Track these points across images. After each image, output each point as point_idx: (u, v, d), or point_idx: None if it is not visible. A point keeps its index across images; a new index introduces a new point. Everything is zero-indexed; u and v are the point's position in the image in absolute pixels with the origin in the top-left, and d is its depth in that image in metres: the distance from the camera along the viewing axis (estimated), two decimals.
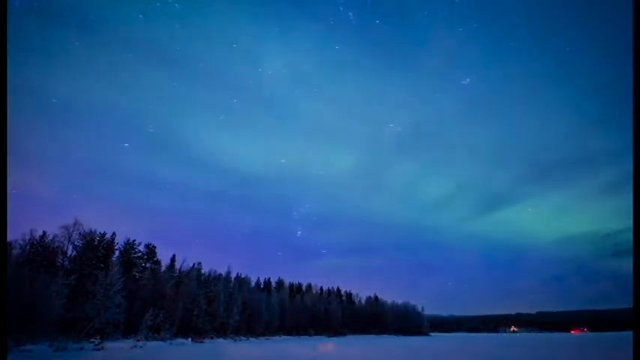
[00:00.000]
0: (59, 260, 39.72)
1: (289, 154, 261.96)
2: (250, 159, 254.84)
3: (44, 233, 39.93)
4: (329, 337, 72.72)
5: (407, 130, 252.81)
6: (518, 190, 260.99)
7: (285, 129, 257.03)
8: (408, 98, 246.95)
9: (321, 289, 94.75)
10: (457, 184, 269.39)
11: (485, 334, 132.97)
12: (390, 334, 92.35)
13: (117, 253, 45.61)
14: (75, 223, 40.72)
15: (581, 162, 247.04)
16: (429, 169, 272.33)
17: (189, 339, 45.25)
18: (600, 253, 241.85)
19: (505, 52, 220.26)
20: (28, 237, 38.20)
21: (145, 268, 48.40)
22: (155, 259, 50.61)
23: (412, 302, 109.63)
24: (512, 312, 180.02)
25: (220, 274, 62.53)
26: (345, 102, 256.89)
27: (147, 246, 50.27)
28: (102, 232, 44.39)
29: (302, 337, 69.35)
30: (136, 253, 48.27)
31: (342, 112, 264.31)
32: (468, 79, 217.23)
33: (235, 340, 52.35)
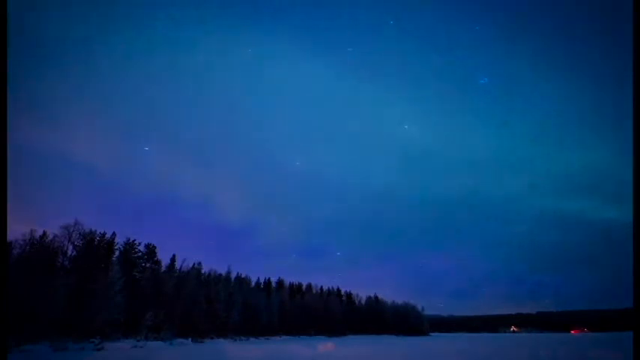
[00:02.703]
0: (59, 260, 39.67)
1: (305, 156, 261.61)
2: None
3: (44, 233, 39.87)
4: (329, 337, 72.69)
5: (422, 131, 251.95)
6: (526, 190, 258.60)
7: (298, 132, 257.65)
8: (423, 98, 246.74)
9: (321, 289, 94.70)
10: (468, 187, 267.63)
11: (485, 334, 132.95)
12: (390, 334, 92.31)
13: (117, 253, 45.59)
14: (75, 223, 40.73)
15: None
16: (440, 171, 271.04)
17: (189, 339, 45.22)
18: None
19: (523, 51, 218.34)
20: (28, 237, 38.13)
21: (145, 268, 48.36)
22: (155, 259, 50.54)
23: (412, 302, 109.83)
24: (513, 312, 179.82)
25: (220, 274, 62.60)
26: (358, 102, 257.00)
27: (147, 246, 50.23)
28: (102, 232, 44.45)
29: (302, 337, 69.31)
30: (136, 253, 48.20)
31: (354, 113, 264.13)
32: (485, 79, 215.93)
33: (235, 340, 52.31)
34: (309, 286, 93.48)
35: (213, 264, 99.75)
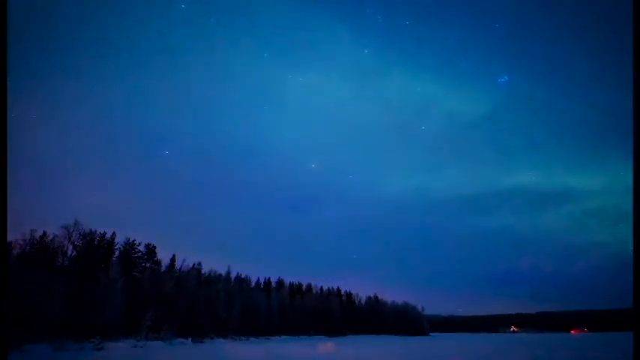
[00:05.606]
0: (59, 260, 39.68)
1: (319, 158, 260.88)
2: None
3: (44, 233, 39.86)
4: (329, 337, 72.64)
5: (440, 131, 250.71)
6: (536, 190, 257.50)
7: (313, 134, 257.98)
8: (441, 98, 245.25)
9: (321, 289, 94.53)
10: (481, 184, 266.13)
11: (485, 334, 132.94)
12: (390, 334, 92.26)
13: (117, 253, 45.59)
14: (75, 223, 40.72)
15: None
16: (455, 171, 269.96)
17: (189, 339, 45.17)
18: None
19: (543, 49, 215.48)
20: (28, 237, 38.13)
21: (145, 268, 48.36)
22: (155, 259, 50.54)
23: (412, 302, 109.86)
24: (513, 312, 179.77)
25: (220, 274, 62.56)
26: (376, 103, 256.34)
27: (147, 246, 50.21)
28: (102, 231, 44.45)
29: (302, 337, 69.27)
30: (136, 253, 48.22)
31: (365, 114, 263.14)
32: (505, 77, 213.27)
33: (235, 340, 52.27)
34: (309, 286, 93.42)
35: (213, 264, 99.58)
